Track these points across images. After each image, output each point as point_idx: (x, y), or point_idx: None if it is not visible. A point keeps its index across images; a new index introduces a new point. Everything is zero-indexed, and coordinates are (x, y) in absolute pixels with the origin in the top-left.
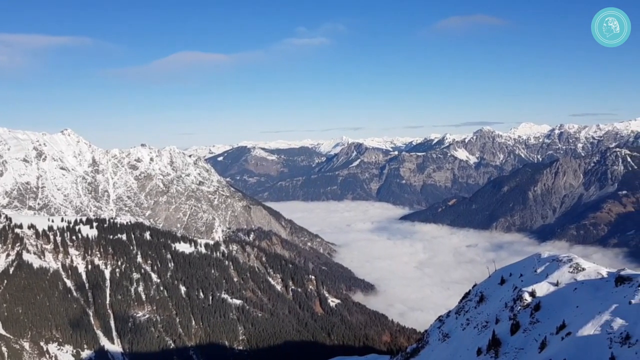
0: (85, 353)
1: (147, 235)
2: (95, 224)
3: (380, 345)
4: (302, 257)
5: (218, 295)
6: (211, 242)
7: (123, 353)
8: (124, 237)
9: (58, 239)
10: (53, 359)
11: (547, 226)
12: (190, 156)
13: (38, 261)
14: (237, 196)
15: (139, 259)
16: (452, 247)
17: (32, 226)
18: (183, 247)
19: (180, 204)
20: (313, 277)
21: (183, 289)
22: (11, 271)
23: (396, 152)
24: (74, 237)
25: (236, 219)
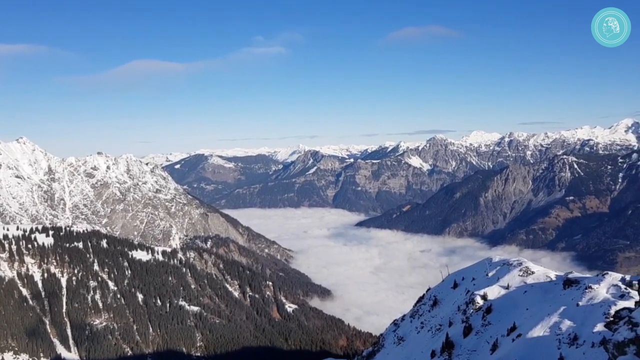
0: None
1: (104, 243)
2: (51, 232)
3: (337, 349)
4: (260, 264)
5: (175, 302)
6: (168, 250)
7: None
8: (81, 245)
9: (13, 248)
10: None
11: (498, 231)
12: (147, 164)
13: None
14: (195, 204)
15: (96, 267)
16: (407, 252)
17: None
18: (140, 255)
19: (137, 212)
20: (270, 283)
21: (140, 297)
22: None
23: (352, 160)
24: (30, 246)
25: (194, 227)
